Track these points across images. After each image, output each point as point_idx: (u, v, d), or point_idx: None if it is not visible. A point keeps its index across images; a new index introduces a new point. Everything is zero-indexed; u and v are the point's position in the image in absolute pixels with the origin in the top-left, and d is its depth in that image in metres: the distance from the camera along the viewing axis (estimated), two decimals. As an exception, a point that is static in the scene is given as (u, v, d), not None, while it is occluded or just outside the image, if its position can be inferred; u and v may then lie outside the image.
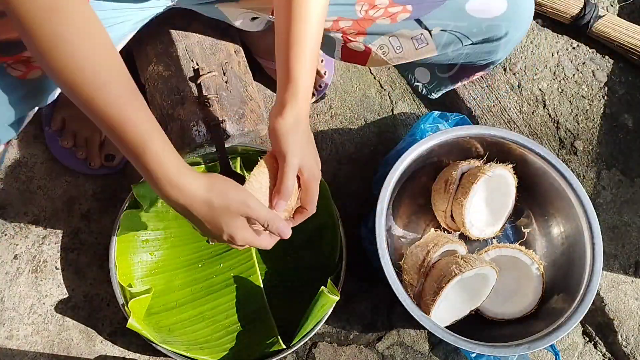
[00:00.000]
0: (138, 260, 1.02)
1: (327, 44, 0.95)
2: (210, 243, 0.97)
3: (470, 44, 0.91)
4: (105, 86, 0.60)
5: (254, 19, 0.91)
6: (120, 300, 0.96)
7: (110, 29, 0.75)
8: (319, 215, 1.00)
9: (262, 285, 1.06)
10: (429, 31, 0.87)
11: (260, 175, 0.74)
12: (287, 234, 0.72)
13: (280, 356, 0.96)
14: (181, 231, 1.05)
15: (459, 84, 1.05)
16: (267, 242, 0.76)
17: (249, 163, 1.02)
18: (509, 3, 0.85)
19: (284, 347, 0.95)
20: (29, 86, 0.72)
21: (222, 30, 1.02)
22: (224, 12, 0.89)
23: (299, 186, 0.76)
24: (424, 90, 1.18)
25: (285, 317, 1.02)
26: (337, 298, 0.93)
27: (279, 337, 0.96)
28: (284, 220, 0.73)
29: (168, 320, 1.01)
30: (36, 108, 0.79)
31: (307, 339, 0.96)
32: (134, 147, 0.63)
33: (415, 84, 1.19)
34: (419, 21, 0.86)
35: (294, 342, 0.96)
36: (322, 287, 0.92)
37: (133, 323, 0.90)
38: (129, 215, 0.98)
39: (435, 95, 1.20)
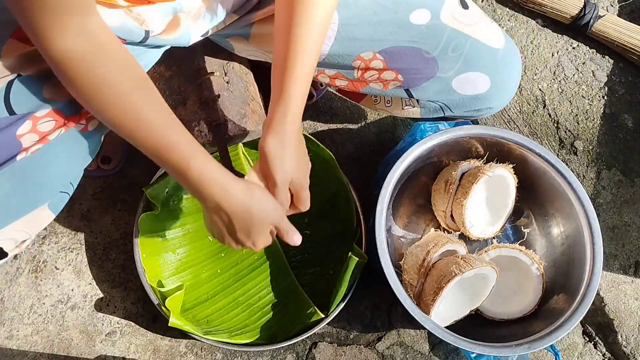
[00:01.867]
0: (163, 260, 1.04)
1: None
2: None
3: (451, 114, 0.95)
4: (147, 119, 0.66)
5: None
6: (155, 301, 0.97)
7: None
8: (330, 185, 1.06)
9: (287, 262, 1.09)
10: (417, 100, 0.92)
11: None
12: (298, 242, 0.80)
13: (322, 325, 0.98)
14: (198, 225, 1.07)
15: (440, 122, 1.10)
16: (270, 242, 0.81)
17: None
18: (492, 82, 0.88)
19: (323, 315, 0.98)
20: (92, 136, 0.76)
21: (223, 30, 1.02)
22: (233, 45, 0.93)
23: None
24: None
25: (316, 288, 1.06)
26: (366, 260, 0.98)
27: (315, 307, 0.99)
28: (296, 230, 0.80)
29: (203, 312, 1.04)
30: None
31: (342, 305, 0.99)
32: (178, 166, 0.69)
33: (405, 107, 1.23)
34: (408, 92, 0.90)
35: (331, 310, 0.99)
36: (350, 252, 0.97)
37: (175, 321, 0.92)
38: (146, 219, 0.99)
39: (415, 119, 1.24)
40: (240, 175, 0.94)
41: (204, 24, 0.79)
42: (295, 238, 0.79)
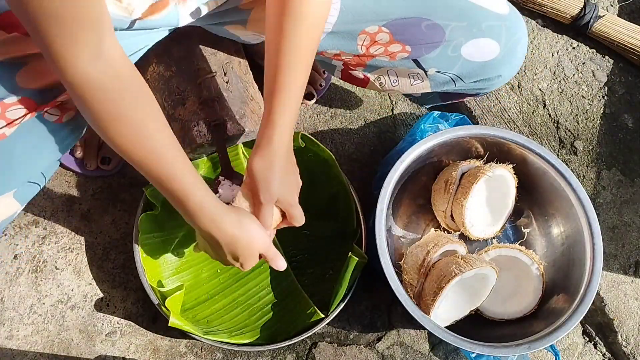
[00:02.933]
0: (163, 260, 1.04)
1: (328, 66, 0.99)
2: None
3: (462, 84, 0.94)
4: (157, 151, 0.69)
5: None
6: (155, 301, 0.97)
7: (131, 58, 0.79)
8: (330, 185, 1.06)
9: (287, 262, 1.08)
10: (425, 71, 0.91)
11: (240, 201, 0.82)
12: (283, 267, 0.84)
13: (322, 325, 0.99)
14: None
15: (449, 102, 1.09)
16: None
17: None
18: (502, 47, 0.88)
19: (323, 315, 0.98)
20: (66, 128, 0.76)
21: (223, 30, 1.02)
22: (232, 32, 0.93)
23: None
24: (416, 101, 1.24)
25: (316, 288, 1.06)
26: (366, 260, 0.98)
27: (315, 307, 1.00)
28: (281, 257, 0.84)
29: (203, 312, 1.04)
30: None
31: (342, 305, 0.99)
32: (178, 196, 0.72)
33: (407, 95, 1.22)
34: (416, 61, 0.89)
35: (331, 310, 0.99)
36: (350, 252, 0.97)
37: (175, 321, 0.92)
38: (146, 219, 0.99)
39: (425, 106, 1.24)
40: (239, 175, 0.94)
41: (192, 2, 0.78)
42: (280, 264, 0.83)
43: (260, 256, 0.83)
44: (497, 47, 0.87)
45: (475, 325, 1.06)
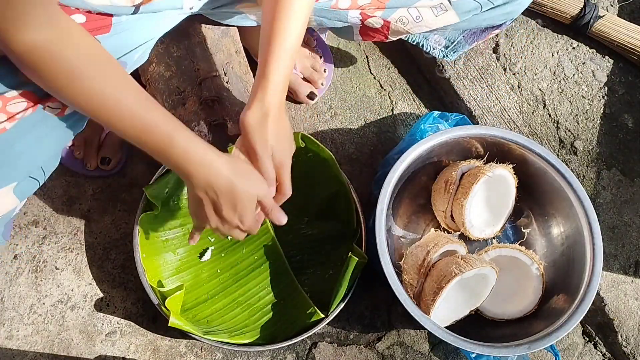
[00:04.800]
0: (163, 260, 1.04)
1: (345, 31, 0.96)
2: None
3: (491, 8, 0.91)
4: (122, 104, 0.66)
5: None
6: (155, 301, 0.97)
7: (137, 50, 0.78)
8: (330, 185, 1.06)
9: (286, 263, 1.09)
10: (449, 1, 0.88)
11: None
12: (284, 221, 0.81)
13: (322, 325, 0.99)
14: None
15: (475, 43, 1.06)
16: (257, 228, 0.83)
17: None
18: None
19: (323, 316, 0.98)
20: (67, 121, 0.75)
21: (223, 31, 1.02)
22: (242, 11, 0.91)
23: None
24: (441, 53, 1.15)
25: (316, 288, 1.06)
26: (366, 260, 0.98)
27: (315, 307, 1.00)
28: (281, 210, 0.81)
29: (203, 312, 1.04)
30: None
31: (342, 305, 1.00)
32: (161, 146, 0.69)
33: (432, 50, 1.16)
34: None
35: (331, 310, 0.99)
36: (350, 252, 0.97)
37: (175, 321, 0.92)
38: (146, 219, 0.99)
39: (453, 57, 1.16)
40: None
41: None
42: (280, 217, 0.80)
43: (259, 219, 0.80)
44: None
45: (475, 325, 1.06)
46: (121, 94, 0.66)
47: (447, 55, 1.13)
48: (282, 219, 0.81)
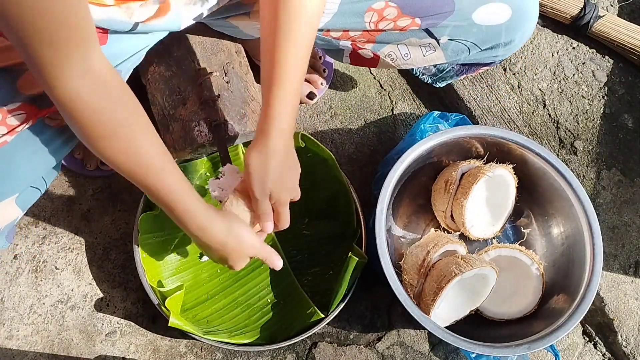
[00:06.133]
0: (163, 260, 1.04)
1: (335, 53, 0.98)
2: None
3: (478, 52, 0.93)
4: (146, 162, 0.69)
5: None
6: (155, 301, 0.97)
7: (131, 59, 0.79)
8: (330, 185, 1.06)
9: (286, 263, 1.09)
10: (437, 40, 0.89)
11: (236, 198, 0.83)
12: (279, 267, 0.85)
13: (322, 325, 0.99)
14: None
15: (463, 75, 1.07)
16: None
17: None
18: (513, 10, 0.87)
19: (323, 316, 0.98)
20: (67, 132, 0.76)
21: (223, 30, 1.02)
22: (234, 23, 0.92)
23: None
24: (430, 79, 1.17)
25: (316, 288, 1.06)
26: (366, 260, 0.98)
27: (315, 307, 1.00)
28: (277, 255, 0.85)
29: (203, 312, 1.04)
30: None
31: (342, 305, 1.00)
32: (167, 204, 0.73)
33: (421, 76, 1.18)
34: (428, 31, 0.88)
35: (331, 310, 0.99)
36: (350, 252, 0.97)
37: (175, 321, 0.92)
38: (146, 219, 0.99)
39: (440, 85, 1.18)
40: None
41: (195, 8, 0.78)
42: (276, 263, 0.85)
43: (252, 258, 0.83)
44: (508, 9, 0.86)
45: (475, 325, 1.06)
46: (146, 152, 0.69)
47: (435, 83, 1.15)
48: (278, 265, 0.85)
